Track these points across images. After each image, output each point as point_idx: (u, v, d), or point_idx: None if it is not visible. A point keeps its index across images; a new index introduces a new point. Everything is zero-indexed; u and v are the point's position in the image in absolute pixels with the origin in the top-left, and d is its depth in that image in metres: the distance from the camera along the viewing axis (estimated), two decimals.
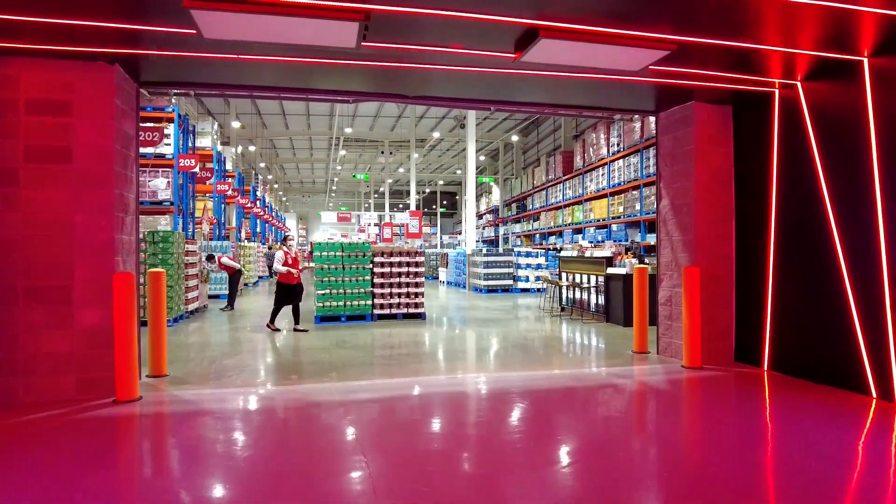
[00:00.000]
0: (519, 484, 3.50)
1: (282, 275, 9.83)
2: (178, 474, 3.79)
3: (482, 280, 17.72)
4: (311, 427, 4.73)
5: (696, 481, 3.59)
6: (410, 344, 8.74)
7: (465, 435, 4.56)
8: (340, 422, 4.81)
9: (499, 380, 6.44)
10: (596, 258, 11.36)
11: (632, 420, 5.12)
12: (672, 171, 7.60)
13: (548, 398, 5.61)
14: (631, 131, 20.50)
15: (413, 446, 4.26)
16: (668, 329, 7.67)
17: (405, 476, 3.66)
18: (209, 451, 4.18)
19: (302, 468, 3.81)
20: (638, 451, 4.21)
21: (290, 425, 4.81)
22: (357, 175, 36.10)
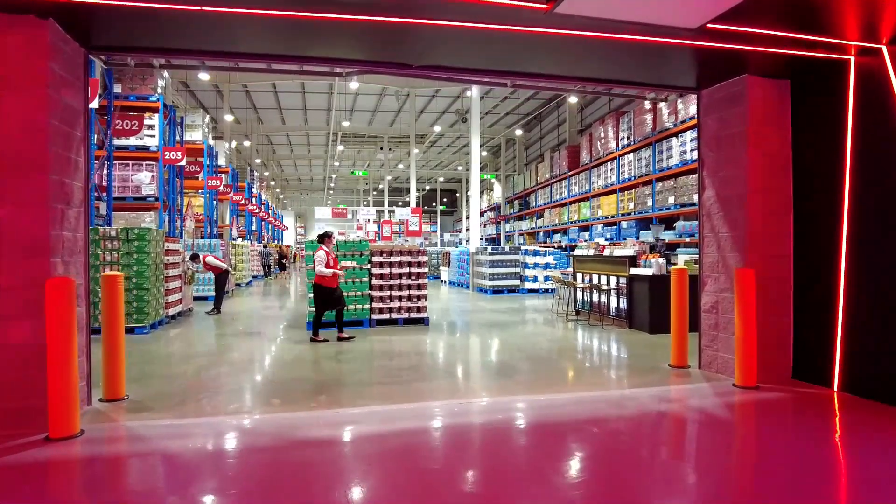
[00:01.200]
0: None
1: (320, 277, 8.53)
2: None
3: (487, 280, 16.61)
4: (290, 481, 3.62)
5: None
6: (413, 356, 7.63)
7: (490, 496, 3.45)
8: (328, 471, 3.71)
9: (520, 407, 5.33)
10: (617, 257, 10.26)
11: (692, 464, 4.02)
12: (718, 157, 6.49)
13: (585, 433, 4.50)
14: (642, 124, 19.40)
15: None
16: (713, 340, 6.57)
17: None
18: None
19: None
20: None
21: (261, 475, 3.70)
22: (355, 172, 34.97)
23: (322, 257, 8.55)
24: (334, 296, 8.67)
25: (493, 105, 29.68)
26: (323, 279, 8.55)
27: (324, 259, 8.54)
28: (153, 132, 14.51)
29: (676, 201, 17.48)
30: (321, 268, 8.47)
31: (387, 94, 28.09)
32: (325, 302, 8.67)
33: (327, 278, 8.53)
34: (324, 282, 8.57)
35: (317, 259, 8.57)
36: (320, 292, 8.62)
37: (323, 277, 8.52)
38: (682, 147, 17.13)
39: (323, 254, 8.60)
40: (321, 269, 8.46)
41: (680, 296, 6.89)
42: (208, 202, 20.37)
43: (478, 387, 5.98)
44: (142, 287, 9.47)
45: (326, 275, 8.47)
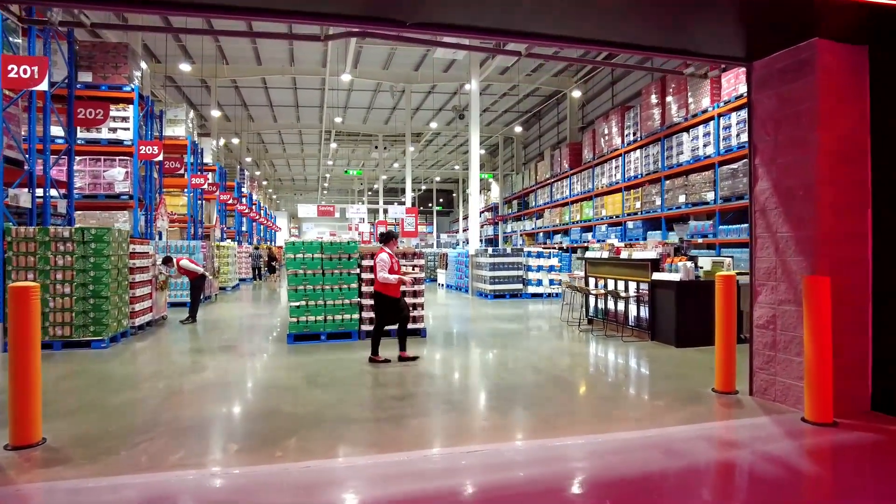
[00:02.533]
0: None
1: (382, 284, 7.26)
2: None
3: (488, 284, 15.42)
4: None
5: None
6: (409, 378, 6.43)
7: None
8: None
9: (549, 457, 4.14)
10: (637, 261, 9.09)
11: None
12: (776, 141, 5.33)
13: (638, 494, 3.33)
14: (649, 119, 18.27)
15: None
16: (768, 362, 5.41)
17: None
18: None
19: None
20: None
21: None
22: (350, 171, 33.74)
23: (385, 261, 7.22)
24: (399, 306, 7.38)
25: (491, 102, 28.52)
26: (386, 287, 7.26)
27: (387, 263, 7.22)
28: (127, 125, 13.30)
29: (688, 200, 16.35)
30: (384, 273, 7.18)
31: (381, 91, 26.90)
32: (389, 313, 7.34)
33: (391, 286, 7.25)
34: (387, 290, 7.28)
35: (378, 263, 7.25)
36: (383, 303, 7.32)
37: (386, 285, 7.24)
38: (693, 143, 16.00)
39: (386, 257, 7.26)
40: (384, 274, 7.17)
41: (727, 308, 5.73)
42: (192, 201, 19.13)
43: (491, 424, 4.79)
44: (99, 295, 8.24)
45: (391, 282, 7.17)
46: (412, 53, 22.67)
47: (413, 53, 22.67)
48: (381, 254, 7.32)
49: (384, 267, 7.20)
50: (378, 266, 7.24)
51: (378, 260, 7.27)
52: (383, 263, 7.21)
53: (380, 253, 7.36)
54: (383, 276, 7.16)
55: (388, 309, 7.32)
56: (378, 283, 7.28)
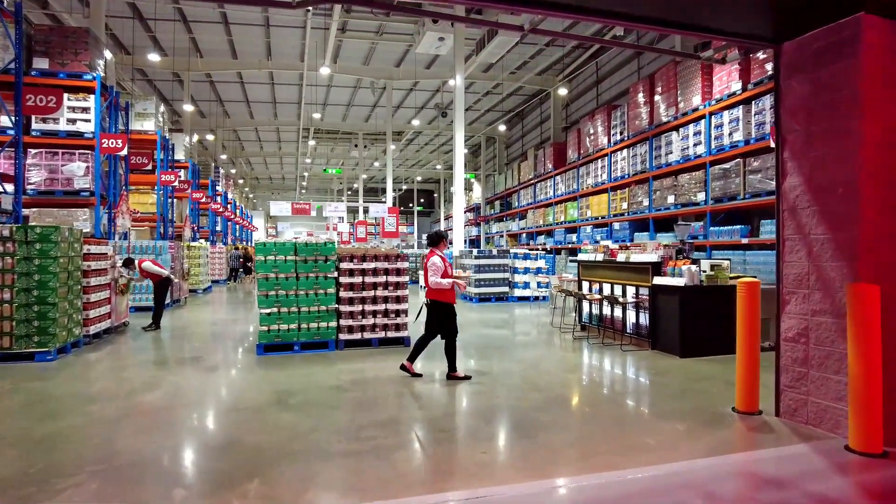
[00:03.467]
0: None
1: (435, 290, 6.44)
2: None
3: (473, 287, 14.70)
4: None
5: None
6: (391, 398, 5.67)
7: None
8: None
9: (563, 501, 3.43)
10: (636, 264, 8.46)
11: None
12: (810, 131, 4.70)
13: None
14: (636, 118, 17.74)
15: None
16: (799, 380, 4.77)
17: None
18: None
19: None
20: None
21: None
22: (328, 170, 32.79)
23: (437, 265, 6.45)
24: (453, 314, 6.53)
25: (474, 101, 27.85)
26: (441, 293, 6.44)
27: (440, 267, 6.43)
28: (88, 116, 12.32)
29: (677, 201, 15.83)
30: (437, 278, 6.40)
31: (362, 87, 26.05)
32: (444, 322, 6.48)
33: (446, 292, 6.45)
34: (441, 296, 6.46)
35: (431, 267, 6.46)
36: (438, 311, 6.46)
37: (441, 291, 6.43)
38: (683, 142, 15.49)
39: (438, 260, 6.48)
40: (437, 279, 6.39)
41: (751, 319, 5.09)
42: (162, 200, 18.09)
43: (490, 458, 4.06)
44: (45, 301, 7.33)
45: (444, 286, 6.38)
46: (394, 49, 21.91)
47: (395, 49, 21.91)
48: (433, 257, 6.50)
49: (437, 271, 6.41)
50: (430, 270, 6.44)
51: (429, 264, 6.46)
52: (436, 267, 6.41)
53: (430, 256, 6.52)
54: (435, 280, 6.38)
55: (444, 317, 6.46)
56: (430, 290, 6.47)
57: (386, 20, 19.05)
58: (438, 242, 6.72)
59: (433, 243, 6.73)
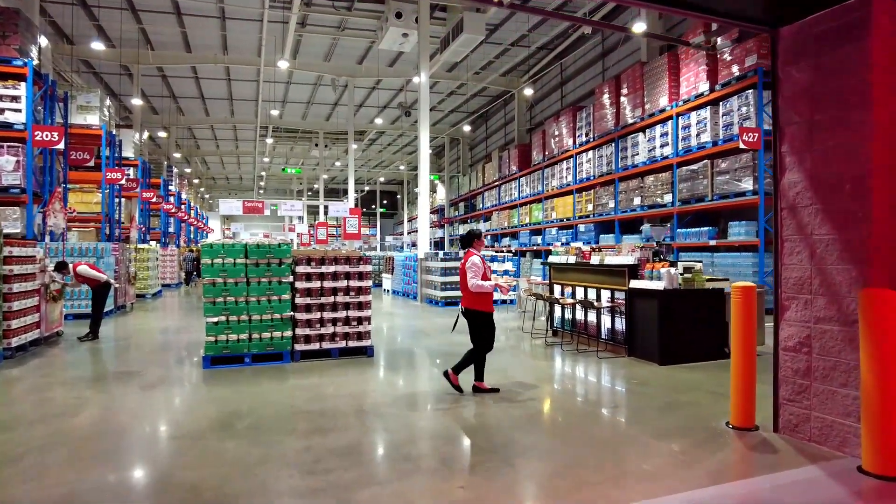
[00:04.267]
0: None
1: (473, 297, 5.70)
2: None
3: (439, 290, 14.11)
4: None
5: None
6: (352, 419, 5.02)
7: None
8: None
9: None
10: (611, 266, 8.02)
11: None
12: (813, 122, 4.30)
13: None
14: (602, 119, 17.50)
15: None
16: (801, 393, 4.35)
17: None
18: None
19: None
20: None
21: None
22: (287, 169, 31.70)
23: (477, 265, 5.68)
24: (492, 324, 5.85)
25: (438, 101, 27.33)
26: (479, 300, 5.70)
27: (480, 268, 5.69)
28: (18, 105, 11.23)
29: (643, 202, 15.62)
30: (477, 279, 5.62)
31: (323, 84, 25.20)
32: (486, 330, 5.78)
33: (485, 297, 5.73)
34: (480, 303, 5.72)
35: (470, 268, 5.68)
36: (479, 319, 5.73)
37: (479, 296, 5.69)
38: (649, 143, 15.28)
39: (478, 260, 5.73)
40: (477, 280, 5.61)
41: (747, 327, 4.65)
42: (108, 199, 16.87)
43: (470, 496, 3.46)
44: None
45: (486, 290, 5.65)
46: (356, 45, 21.18)
47: (357, 45, 21.19)
48: (471, 257, 5.74)
49: (477, 272, 5.65)
50: (468, 272, 5.68)
51: (468, 265, 5.70)
52: (476, 268, 5.66)
53: (469, 256, 5.77)
54: (476, 283, 5.60)
55: (486, 325, 5.76)
56: (469, 295, 5.72)
57: (348, 14, 18.33)
58: (472, 242, 5.98)
59: (467, 243, 5.99)
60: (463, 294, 5.86)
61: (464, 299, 5.83)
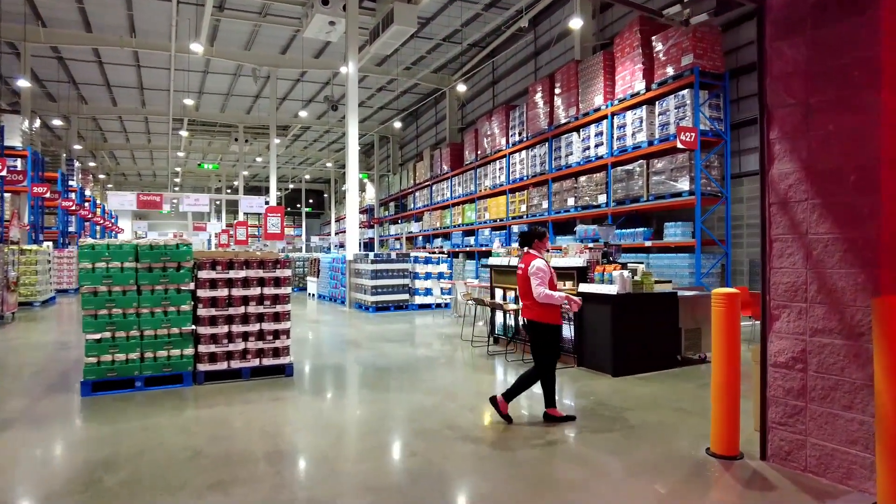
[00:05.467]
0: None
1: (542, 306, 4.74)
2: None
3: (369, 295, 13.06)
4: None
5: None
6: (265, 467, 3.98)
7: None
8: None
9: None
10: (558, 269, 7.33)
11: None
12: (808, 105, 3.70)
13: None
14: (535, 118, 17.03)
15: None
16: (795, 416, 3.75)
17: None
18: None
19: None
20: None
21: None
22: (204, 165, 29.45)
23: (542, 270, 4.73)
24: (560, 338, 4.93)
25: (367, 96, 26.17)
26: (546, 310, 4.75)
27: (546, 274, 4.74)
28: None
29: (577, 203, 15.23)
30: (545, 288, 4.67)
31: (243, 75, 23.43)
32: (553, 347, 4.83)
33: (552, 308, 4.77)
34: (547, 315, 4.76)
35: (535, 274, 4.71)
36: (545, 334, 4.78)
37: (547, 307, 4.75)
38: (584, 143, 14.91)
39: (543, 265, 4.78)
40: (545, 289, 4.67)
41: (731, 340, 4.01)
42: None
43: None
44: None
45: (556, 302, 4.71)
46: (279, 33, 19.71)
47: (280, 33, 19.72)
48: (535, 260, 4.79)
49: (543, 279, 4.70)
50: (532, 279, 4.72)
51: (531, 270, 4.74)
52: (542, 274, 4.71)
53: (530, 260, 4.81)
54: (544, 292, 4.66)
55: (550, 341, 4.81)
56: (532, 306, 4.77)
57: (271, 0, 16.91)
58: (534, 241, 4.97)
59: (527, 242, 4.99)
60: (524, 303, 4.92)
61: (525, 310, 4.89)
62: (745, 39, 12.02)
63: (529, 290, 4.77)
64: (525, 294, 4.88)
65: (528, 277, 4.79)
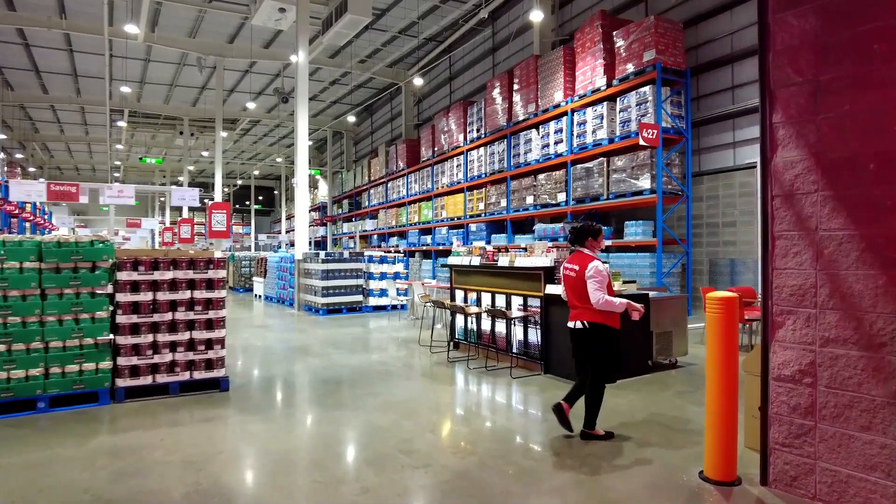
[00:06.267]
0: None
1: (603, 315, 4.19)
2: None
3: (320, 296, 12.22)
4: None
5: None
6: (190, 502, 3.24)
7: None
8: None
9: None
10: (523, 269, 6.79)
11: None
12: (818, 83, 3.24)
13: None
14: (494, 115, 16.54)
15: None
16: (802, 436, 3.29)
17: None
18: None
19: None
20: None
21: None
22: (146, 159, 27.72)
23: (602, 273, 4.17)
24: (619, 344, 4.32)
25: (320, 90, 25.16)
26: (608, 317, 4.21)
27: (605, 277, 4.19)
28: None
29: (536, 201, 14.82)
30: (604, 295, 4.13)
31: (188, 64, 22.06)
32: (613, 354, 4.27)
33: (615, 315, 4.23)
34: (608, 316, 4.22)
35: (592, 277, 4.16)
36: (603, 338, 4.23)
37: (609, 313, 4.21)
38: (543, 140, 14.50)
39: (602, 267, 4.21)
40: (605, 297, 4.13)
41: (729, 350, 3.52)
42: None
43: None
44: None
45: (617, 309, 4.17)
46: (226, 20, 18.56)
47: (227, 20, 18.57)
48: (593, 262, 4.21)
49: (602, 283, 4.15)
50: (590, 283, 4.14)
51: (588, 272, 4.16)
52: (601, 278, 4.16)
53: (587, 260, 4.24)
54: (604, 298, 4.11)
55: (610, 346, 4.24)
56: (586, 308, 4.21)
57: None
58: (587, 239, 4.39)
59: (580, 239, 4.39)
60: (575, 307, 4.32)
61: (577, 312, 4.29)
62: (704, 37, 11.84)
63: (584, 294, 4.21)
64: (577, 296, 4.31)
65: (583, 280, 4.21)
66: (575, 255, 4.42)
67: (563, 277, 4.47)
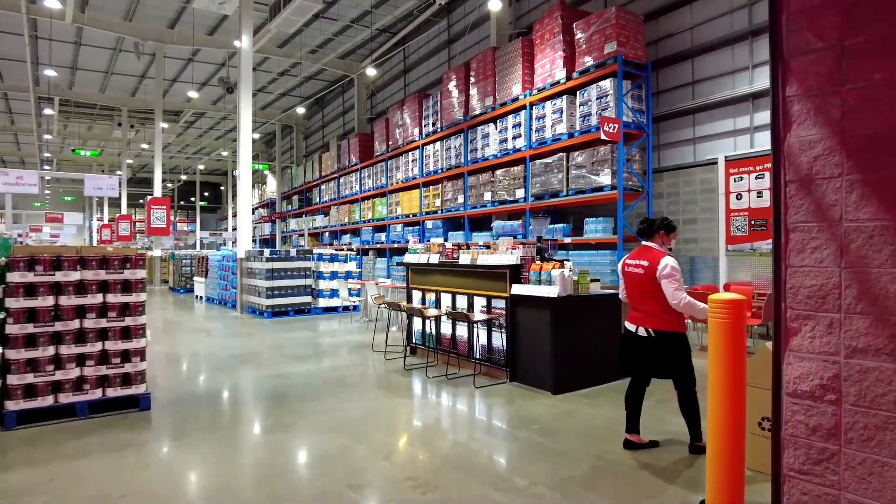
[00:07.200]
0: None
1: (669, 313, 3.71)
2: None
3: (264, 298, 11.30)
4: None
5: None
6: None
7: None
8: None
9: None
10: (486, 268, 6.20)
11: None
12: (843, 48, 2.74)
13: None
14: (450, 108, 15.93)
15: None
16: (824, 462, 2.79)
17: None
18: None
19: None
20: None
21: None
22: (79, 151, 25.76)
23: (677, 270, 3.67)
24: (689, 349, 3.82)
25: (269, 81, 23.95)
26: (674, 316, 3.74)
27: (678, 275, 3.67)
28: None
29: (494, 198, 14.30)
30: (684, 295, 3.64)
31: (125, 50, 20.50)
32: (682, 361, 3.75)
33: (678, 313, 3.76)
34: (676, 322, 3.76)
35: (667, 275, 3.66)
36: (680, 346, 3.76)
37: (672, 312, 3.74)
38: (501, 134, 14.00)
39: (676, 264, 3.71)
40: (685, 296, 3.64)
41: (735, 362, 3.00)
42: None
43: None
44: None
45: (699, 312, 3.62)
46: (165, 3, 17.25)
47: (167, 3, 17.26)
48: (665, 258, 3.73)
49: (680, 282, 3.69)
50: (665, 282, 3.66)
51: (662, 270, 3.68)
52: (677, 276, 3.67)
53: (660, 256, 3.75)
54: (685, 299, 3.64)
55: (686, 351, 3.77)
56: (657, 313, 3.72)
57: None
58: (657, 233, 3.88)
59: (649, 233, 3.93)
60: (642, 311, 3.78)
61: (645, 318, 3.75)
62: (664, 31, 11.58)
63: (651, 294, 3.71)
64: (644, 297, 3.78)
65: (653, 279, 3.70)
66: (642, 250, 3.93)
67: (625, 275, 3.95)
